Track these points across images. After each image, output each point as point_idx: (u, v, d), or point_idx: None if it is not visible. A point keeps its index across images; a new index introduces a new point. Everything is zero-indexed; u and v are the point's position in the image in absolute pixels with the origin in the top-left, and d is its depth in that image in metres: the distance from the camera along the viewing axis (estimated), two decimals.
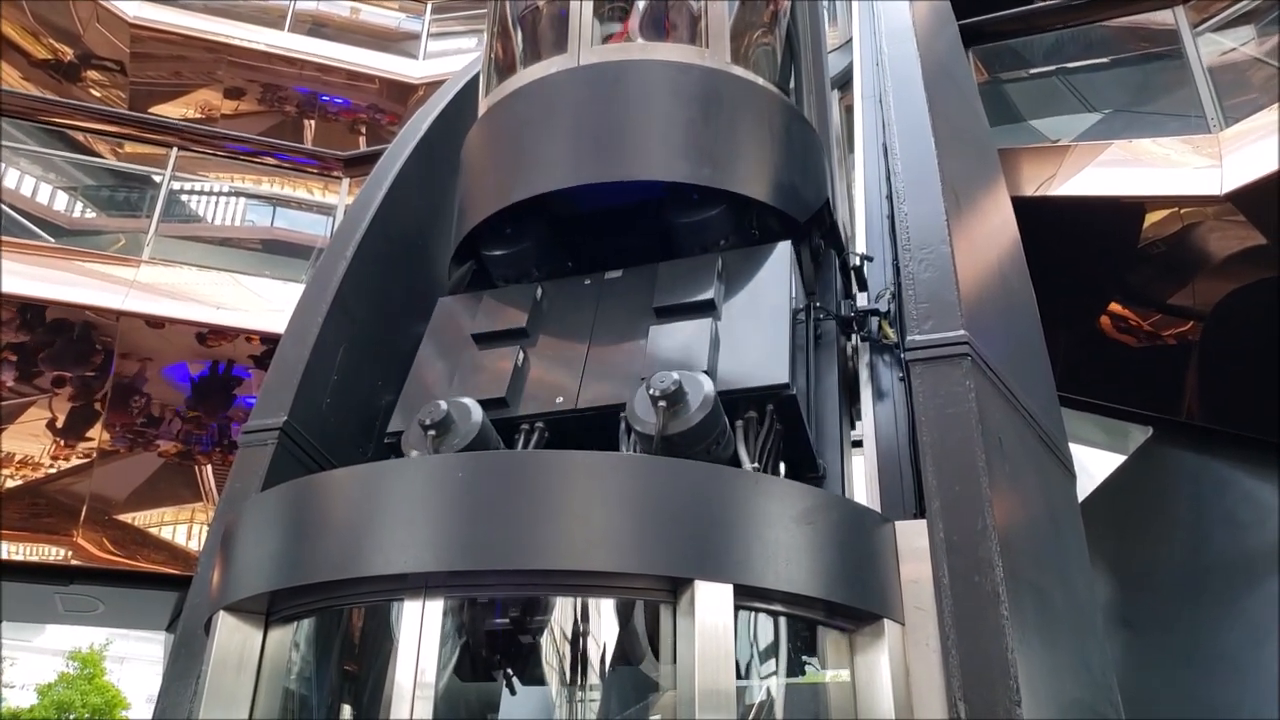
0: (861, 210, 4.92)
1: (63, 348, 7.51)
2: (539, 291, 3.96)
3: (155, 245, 8.75)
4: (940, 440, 3.03)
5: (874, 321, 3.97)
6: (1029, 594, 2.96)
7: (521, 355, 3.67)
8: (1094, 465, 7.06)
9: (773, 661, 2.91)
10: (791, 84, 4.63)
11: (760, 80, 4.28)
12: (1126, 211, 6.13)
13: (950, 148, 3.91)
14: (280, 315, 4.41)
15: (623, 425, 3.18)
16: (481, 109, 4.56)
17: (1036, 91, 7.94)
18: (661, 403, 2.98)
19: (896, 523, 2.98)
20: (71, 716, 18.22)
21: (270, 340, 7.36)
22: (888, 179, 4.33)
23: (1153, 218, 6.10)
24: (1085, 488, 6.27)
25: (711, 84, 4.07)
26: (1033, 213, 5.45)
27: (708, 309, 3.57)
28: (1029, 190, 6.29)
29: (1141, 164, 6.16)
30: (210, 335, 7.83)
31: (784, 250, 3.77)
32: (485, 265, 4.30)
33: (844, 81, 6.44)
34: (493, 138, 4.33)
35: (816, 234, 4.29)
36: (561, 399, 3.46)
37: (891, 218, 4.08)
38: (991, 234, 4.15)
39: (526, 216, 4.07)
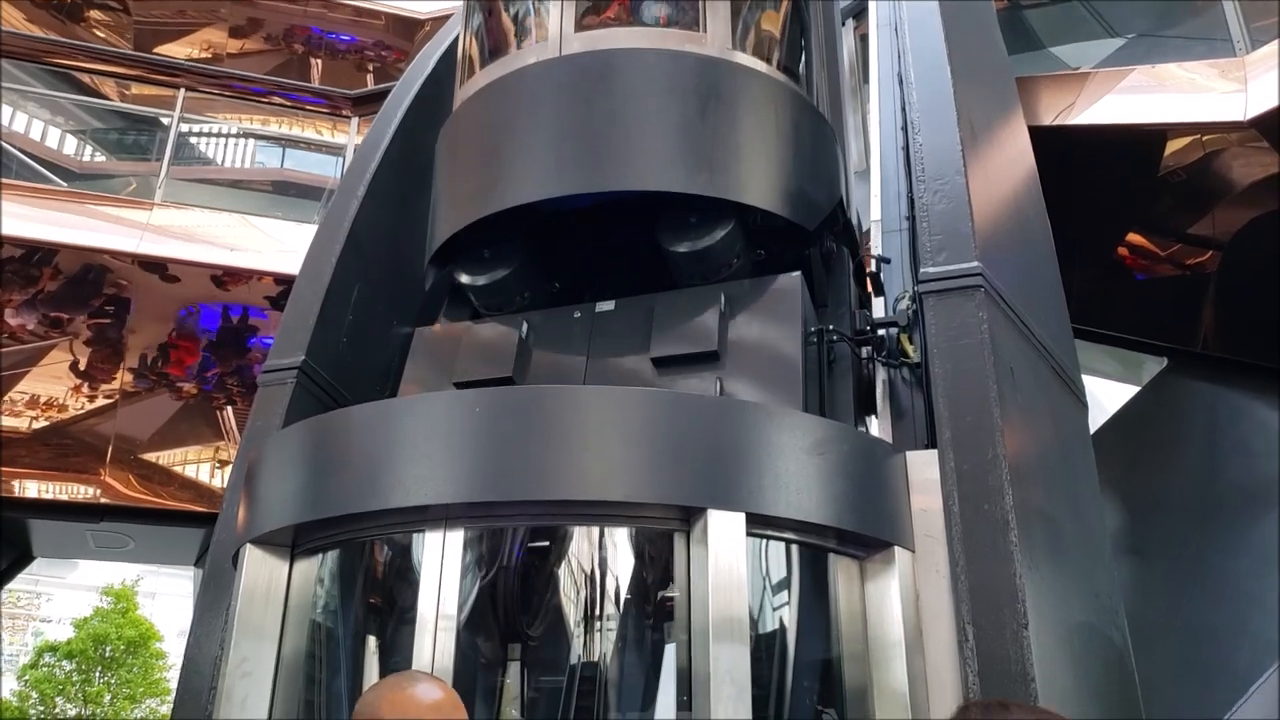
0: (876, 142, 4.88)
1: (78, 291, 7.57)
2: (524, 327, 3.57)
3: (166, 188, 8.76)
4: (952, 371, 3.05)
5: (892, 335, 3.64)
6: (1038, 521, 3.00)
7: None
8: (1108, 397, 7.06)
9: (785, 588, 2.97)
10: (800, 68, 4.15)
11: (765, 68, 3.83)
12: (1147, 139, 6.03)
13: (967, 77, 3.85)
14: (294, 256, 4.44)
15: None
16: (456, 101, 4.13)
17: (1058, 17, 7.76)
18: None
19: (907, 452, 3.02)
20: (107, 649, 18.76)
21: (285, 281, 7.39)
22: (903, 109, 4.28)
23: (1174, 145, 6.00)
24: (1098, 419, 6.28)
25: (710, 75, 3.62)
26: (1050, 142, 5.37)
27: (710, 360, 3.27)
28: (1047, 119, 6.19)
29: (1165, 89, 6.03)
30: (226, 278, 7.86)
31: (794, 285, 3.43)
32: (466, 292, 3.91)
33: (859, 9, 6.32)
34: (465, 139, 3.90)
35: (829, 237, 3.91)
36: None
37: (907, 149, 4.04)
38: (1007, 164, 4.10)
39: (505, 227, 3.65)
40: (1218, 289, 6.29)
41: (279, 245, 8.09)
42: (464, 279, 3.77)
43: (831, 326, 3.52)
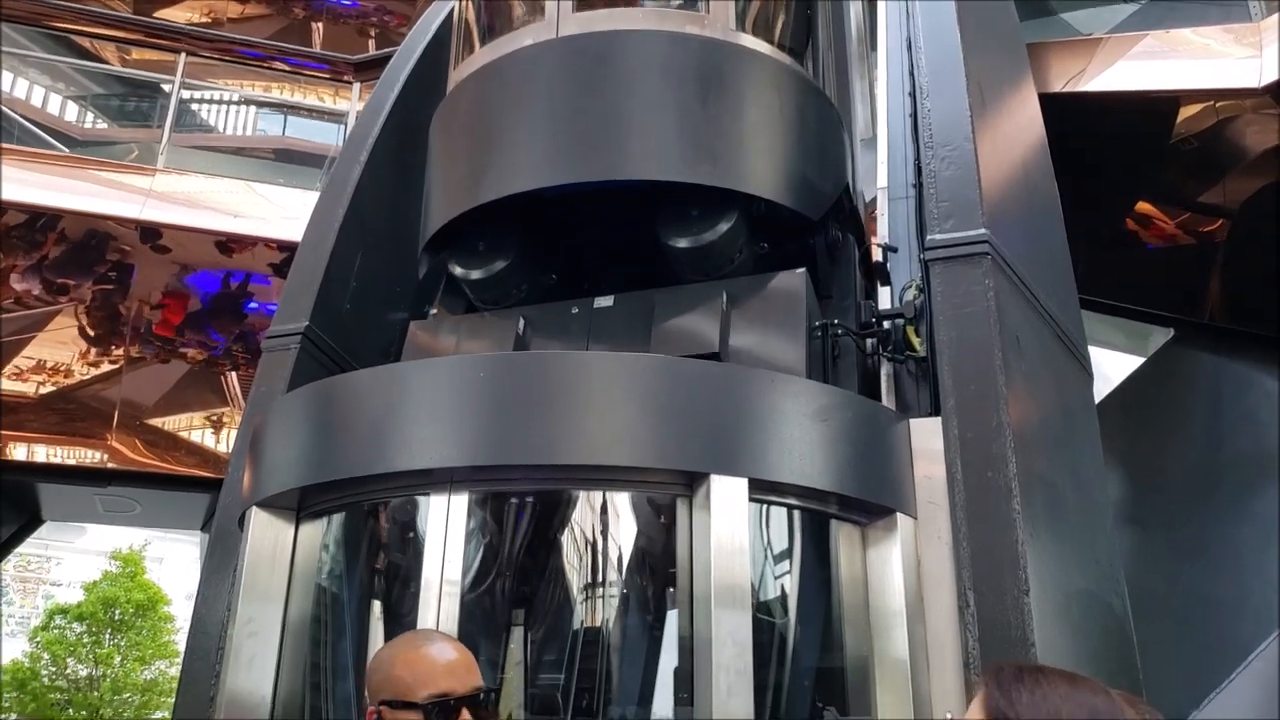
0: (883, 108, 4.83)
1: (81, 257, 7.57)
2: (521, 323, 3.45)
3: (169, 155, 8.72)
4: (957, 339, 3.04)
5: (898, 327, 3.51)
6: (1041, 489, 3.01)
7: None
8: (1113, 367, 7.05)
9: (787, 554, 2.99)
10: (806, 47, 3.97)
11: (769, 50, 3.67)
12: (1159, 106, 5.96)
13: (976, 42, 3.81)
14: (297, 223, 4.42)
15: None
16: (450, 82, 3.98)
17: None
18: None
19: (911, 419, 3.02)
20: (116, 612, 18.95)
21: (288, 248, 7.37)
22: (911, 74, 4.23)
23: (1186, 112, 5.93)
24: (1103, 390, 6.27)
25: (712, 58, 3.48)
26: (1060, 109, 5.32)
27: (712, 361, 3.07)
28: (1058, 86, 6.11)
29: (1178, 55, 5.95)
30: (232, 244, 7.85)
31: (797, 282, 3.31)
32: (460, 286, 3.78)
33: None
34: (458, 124, 3.76)
35: (834, 225, 3.76)
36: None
37: (914, 115, 4.00)
38: (1016, 131, 4.07)
39: (499, 216, 3.53)
40: (1226, 258, 6.26)
41: (282, 212, 8.06)
42: (458, 272, 3.67)
43: (836, 321, 3.42)
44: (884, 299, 3.93)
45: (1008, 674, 1.21)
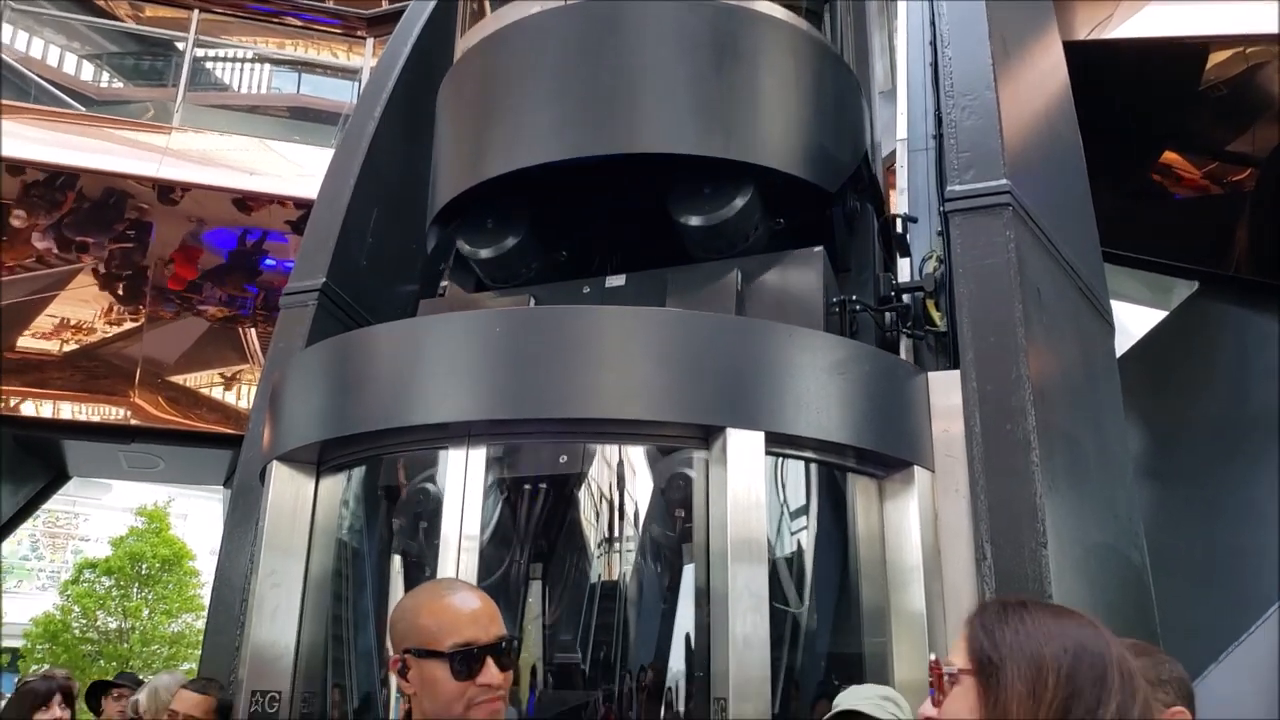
0: (903, 58, 4.75)
1: (99, 216, 7.59)
2: (531, 302, 3.38)
3: (184, 114, 8.71)
4: (976, 292, 3.01)
5: (917, 300, 3.44)
6: (1060, 442, 2.99)
7: None
8: (1136, 321, 6.98)
9: (803, 507, 2.99)
10: (824, 8, 3.81)
11: (784, 14, 3.51)
12: (1187, 52, 5.83)
13: None
14: (312, 180, 4.41)
15: None
16: (457, 52, 3.86)
17: None
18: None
19: (929, 373, 3.00)
20: (143, 566, 19.32)
21: (304, 205, 7.37)
22: (932, 23, 4.15)
23: (1215, 58, 5.80)
24: (1125, 343, 6.22)
25: (726, 25, 3.32)
26: (1085, 57, 5.21)
27: None
28: (1082, 33, 5.98)
29: None
30: (250, 202, 7.85)
31: (814, 260, 3.20)
32: (470, 264, 3.70)
33: None
34: (465, 95, 3.64)
35: (852, 196, 3.62)
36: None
37: (935, 64, 3.93)
38: (1040, 80, 3.99)
39: (508, 190, 3.41)
40: (1254, 208, 6.15)
41: (298, 169, 8.06)
42: (466, 250, 3.58)
43: (855, 296, 3.31)
44: (904, 271, 3.88)
45: (991, 613, 1.19)
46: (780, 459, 2.72)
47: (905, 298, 3.49)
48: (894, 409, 2.81)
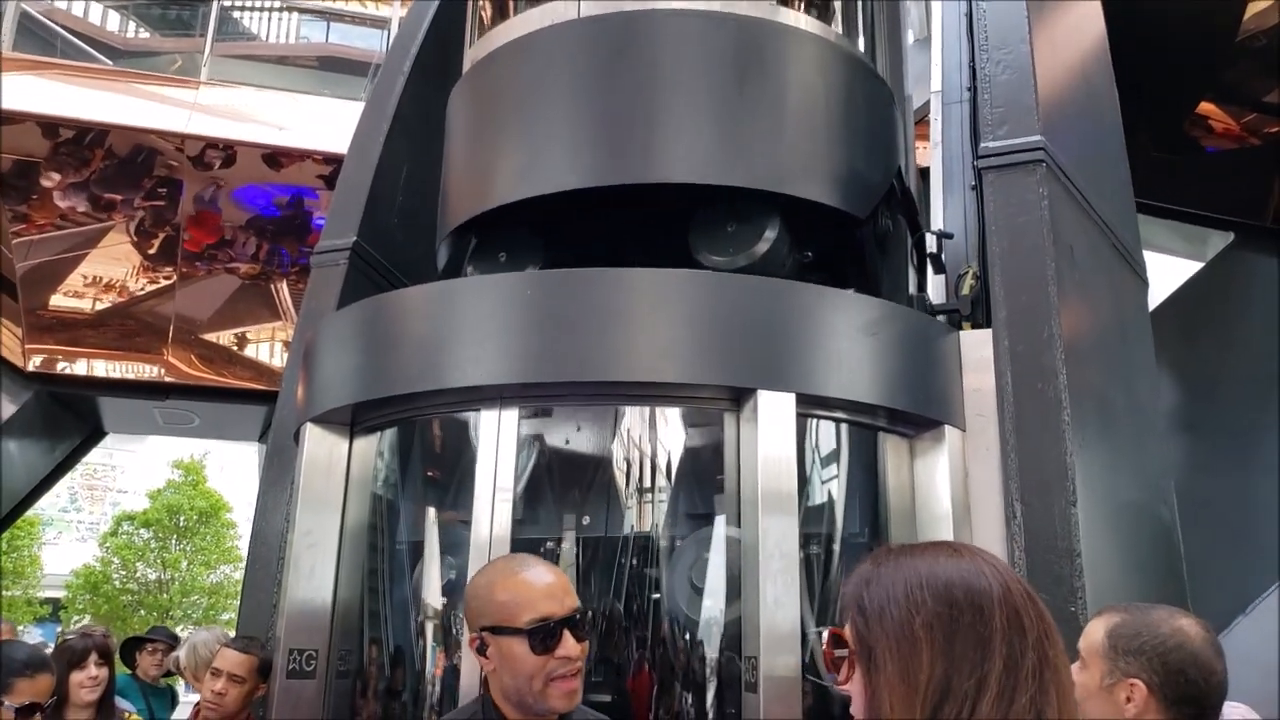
0: (938, 8, 4.65)
1: (129, 173, 7.62)
2: None
3: (212, 66, 8.68)
4: (1009, 249, 2.99)
5: (954, 322, 3.23)
6: (1091, 400, 2.98)
7: None
8: (1171, 272, 6.89)
9: (833, 465, 3.01)
10: (859, 16, 3.59)
11: (812, 26, 3.30)
12: (1226, 2, 5.68)
13: None
14: (343, 135, 4.40)
15: None
16: (466, 63, 3.67)
17: None
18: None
19: (961, 332, 2.99)
20: (181, 518, 19.76)
21: (334, 161, 7.37)
22: None
23: (1254, 8, 5.65)
24: (1159, 295, 6.15)
25: (749, 41, 3.10)
26: (1122, 6, 5.09)
27: None
28: None
29: None
30: (281, 158, 7.84)
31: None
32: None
33: None
34: (473, 114, 3.45)
35: (884, 214, 3.41)
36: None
37: (970, 16, 3.85)
38: (1075, 31, 3.90)
39: (519, 217, 3.21)
40: None
41: (328, 123, 8.03)
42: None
43: None
44: (937, 288, 3.63)
45: (859, 577, 1.04)
46: (811, 419, 2.73)
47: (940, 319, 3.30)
48: (925, 369, 2.81)
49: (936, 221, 3.85)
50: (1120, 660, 1.58)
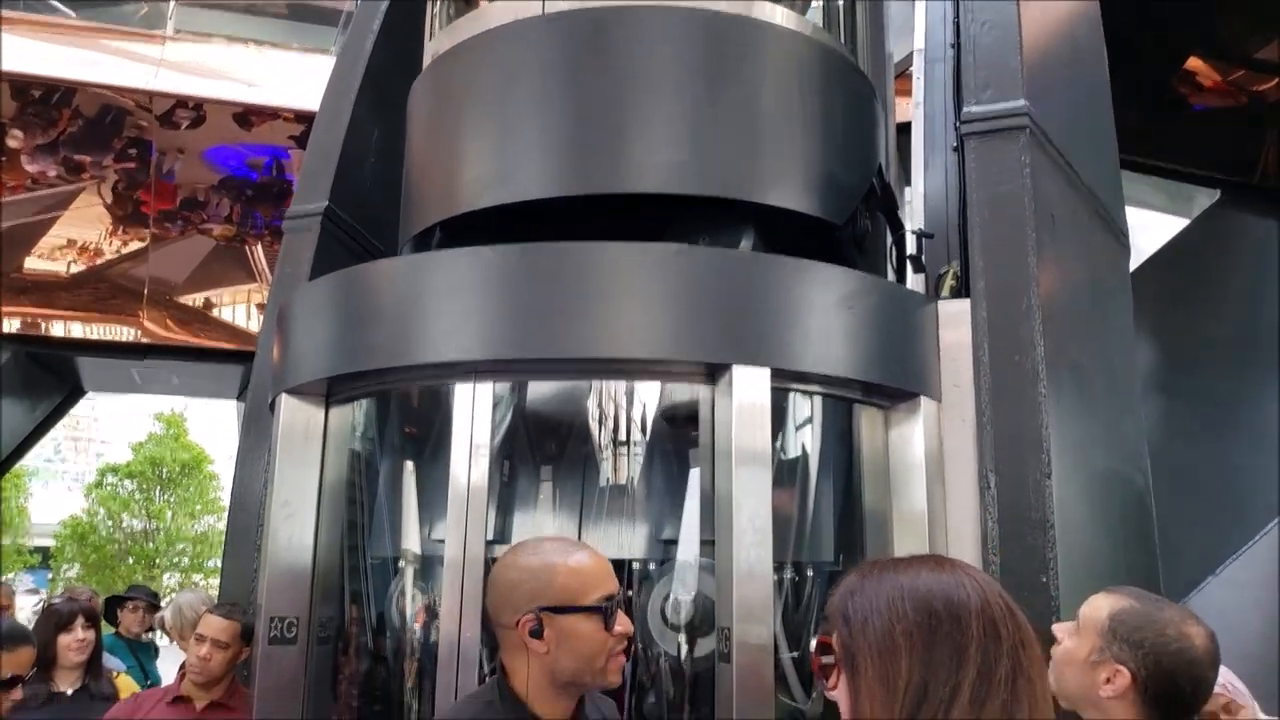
0: None
1: (97, 134, 7.46)
2: None
3: (179, 16, 8.43)
4: (990, 219, 2.96)
5: None
6: (1068, 371, 2.98)
7: None
8: (1156, 230, 6.87)
9: (808, 436, 3.01)
10: (841, 10, 3.49)
11: (790, 20, 3.18)
12: None
13: None
14: (314, 92, 4.30)
15: None
16: (426, 56, 3.55)
17: None
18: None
19: (939, 302, 2.98)
20: (164, 470, 19.79)
21: (306, 119, 7.22)
22: None
23: None
24: (1143, 253, 6.14)
25: (723, 39, 3.00)
26: None
27: None
28: None
29: None
30: (251, 115, 7.68)
31: None
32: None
33: None
34: (432, 115, 3.35)
35: (863, 214, 3.29)
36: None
37: None
38: None
39: (486, 221, 3.04)
40: None
41: (299, 79, 7.86)
42: None
43: None
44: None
45: (843, 590, 1.09)
46: (786, 393, 2.72)
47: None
48: (902, 341, 2.80)
49: (917, 183, 3.81)
50: (1115, 644, 1.57)
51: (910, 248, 3.29)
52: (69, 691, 3.20)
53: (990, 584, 1.07)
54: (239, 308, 7.66)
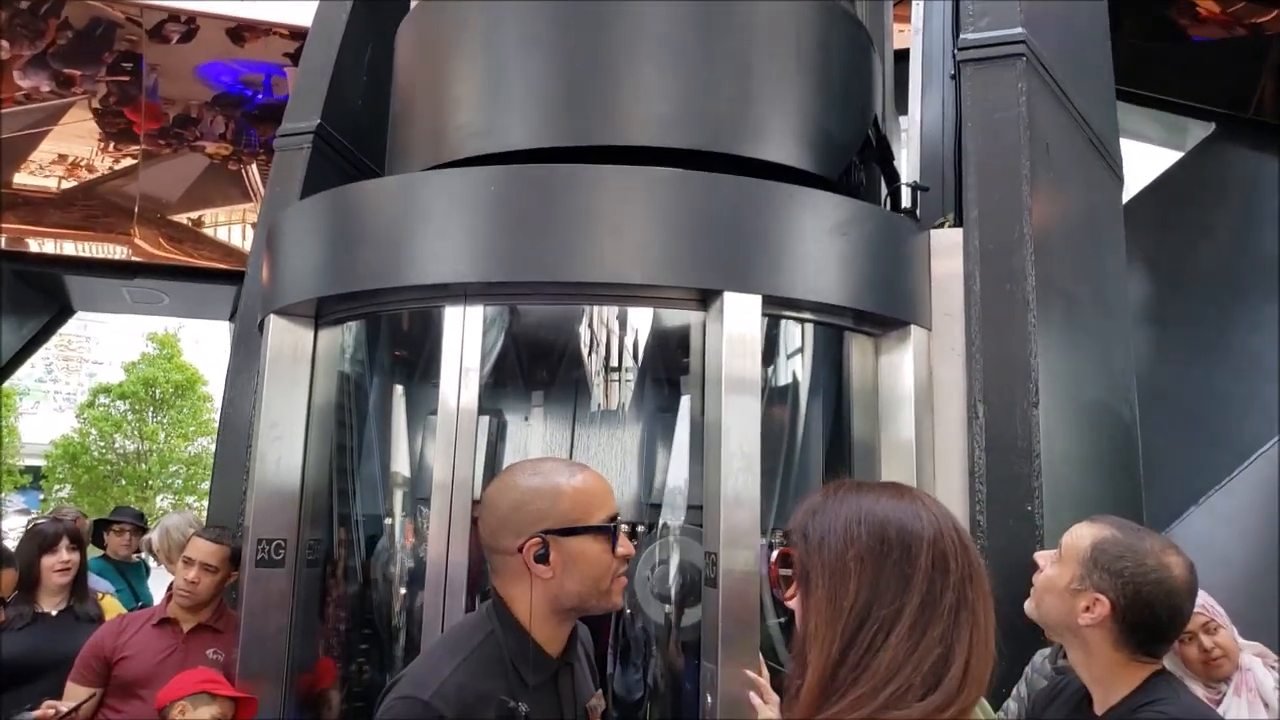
0: None
1: (87, 47, 7.26)
2: None
3: None
4: (985, 147, 2.94)
5: None
6: (1059, 300, 2.99)
7: None
8: (1150, 161, 6.82)
9: (798, 361, 3.03)
10: None
11: None
12: None
13: None
14: (309, 6, 4.19)
15: None
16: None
17: None
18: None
19: (931, 230, 2.97)
20: (157, 391, 19.77)
21: (300, 35, 7.05)
22: None
23: None
24: (1136, 184, 6.10)
25: None
26: None
27: None
28: None
29: None
30: (245, 30, 7.48)
31: None
32: None
33: None
34: (424, 56, 3.26)
35: (858, 169, 3.27)
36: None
37: None
38: None
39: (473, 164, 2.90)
40: None
41: None
42: None
43: None
44: None
45: (804, 510, 1.12)
46: (778, 320, 2.73)
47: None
48: (894, 269, 2.80)
49: (915, 111, 3.76)
50: (1095, 573, 1.59)
51: (905, 200, 3.24)
52: (53, 613, 3.21)
53: (947, 517, 1.09)
54: (234, 227, 7.56)
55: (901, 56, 4.01)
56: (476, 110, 2.97)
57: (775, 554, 1.16)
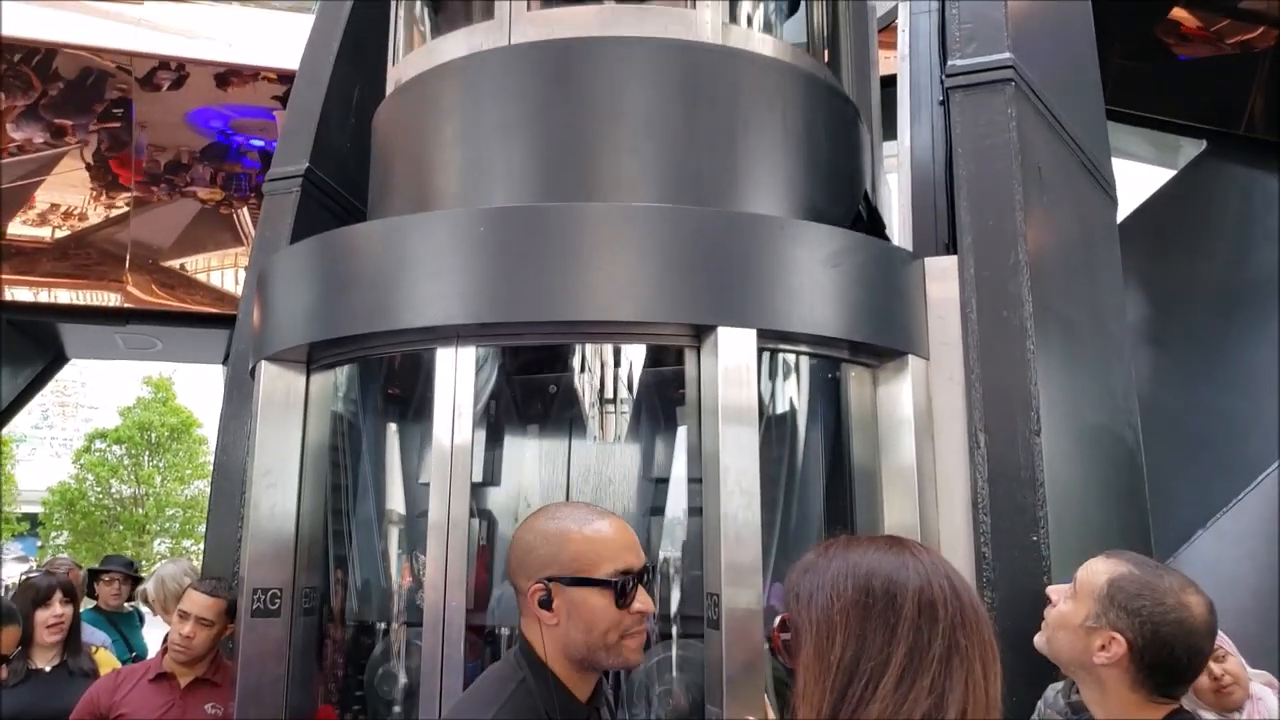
0: None
1: (78, 96, 7.29)
2: None
3: None
4: (977, 173, 2.92)
5: None
6: (1057, 326, 2.96)
7: None
8: (1142, 181, 6.83)
9: (795, 395, 2.99)
10: (824, 25, 3.42)
11: (768, 46, 3.11)
12: None
13: None
14: (295, 50, 4.20)
15: None
16: (390, 82, 3.49)
17: None
18: None
19: (926, 259, 2.95)
20: (152, 435, 19.71)
21: (287, 79, 7.08)
22: None
23: None
24: (1129, 205, 6.10)
25: (700, 72, 2.93)
26: None
27: None
28: None
29: None
30: (232, 77, 7.52)
31: None
32: None
33: None
34: (398, 146, 3.29)
35: None
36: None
37: None
38: None
39: None
40: (1272, 67, 5.91)
41: (279, 37, 7.70)
42: None
43: None
44: None
45: (797, 570, 1.13)
46: (773, 353, 2.70)
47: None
48: (889, 298, 2.77)
49: (904, 138, 3.76)
50: (1112, 611, 1.54)
51: None
52: (47, 668, 3.16)
53: (938, 565, 1.08)
54: (227, 272, 7.54)
55: (889, 81, 4.02)
56: (459, 200, 2.96)
57: (777, 620, 1.16)
